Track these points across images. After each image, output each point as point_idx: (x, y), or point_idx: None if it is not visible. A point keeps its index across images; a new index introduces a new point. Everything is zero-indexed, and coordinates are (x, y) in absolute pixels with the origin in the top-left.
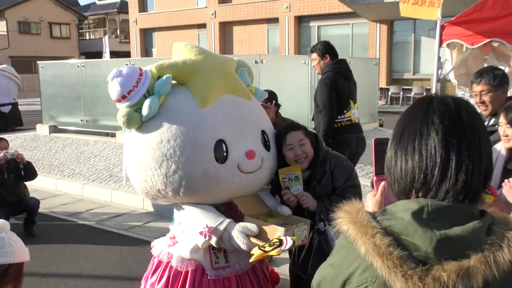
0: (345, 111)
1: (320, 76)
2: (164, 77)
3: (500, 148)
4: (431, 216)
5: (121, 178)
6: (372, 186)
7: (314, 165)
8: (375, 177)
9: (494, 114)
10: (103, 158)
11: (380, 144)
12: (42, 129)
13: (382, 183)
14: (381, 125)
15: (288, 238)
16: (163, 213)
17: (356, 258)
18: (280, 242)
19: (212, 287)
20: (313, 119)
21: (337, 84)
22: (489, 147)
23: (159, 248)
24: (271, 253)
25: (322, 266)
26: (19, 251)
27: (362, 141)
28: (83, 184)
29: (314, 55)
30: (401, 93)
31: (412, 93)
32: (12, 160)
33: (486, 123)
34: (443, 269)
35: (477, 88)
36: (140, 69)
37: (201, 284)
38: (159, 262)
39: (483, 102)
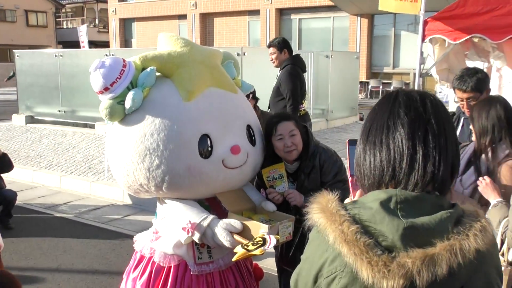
0: (302, 101)
1: (278, 69)
2: (148, 69)
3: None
4: (399, 205)
5: (100, 170)
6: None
7: (303, 158)
8: (350, 178)
9: None
10: (81, 149)
11: (354, 145)
12: (18, 120)
13: (359, 192)
14: (361, 119)
15: (272, 237)
16: (143, 206)
17: (326, 249)
18: (264, 241)
19: (195, 283)
20: (269, 107)
21: (300, 76)
22: (455, 138)
23: (142, 242)
24: (254, 252)
25: (299, 263)
26: None
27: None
28: (61, 176)
29: (273, 49)
30: (381, 87)
31: (392, 87)
32: None
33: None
34: (408, 256)
35: (463, 95)
36: (124, 60)
37: (184, 280)
38: (142, 257)
39: (470, 108)
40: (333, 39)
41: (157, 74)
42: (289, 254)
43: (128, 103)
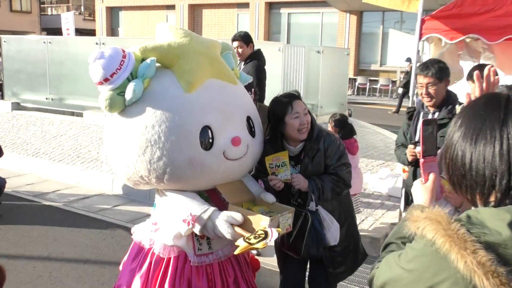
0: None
1: (241, 62)
2: (148, 60)
3: None
4: None
5: (88, 159)
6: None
7: (308, 141)
8: (423, 159)
9: (438, 106)
10: (69, 138)
11: (428, 125)
12: (3, 106)
13: (432, 175)
14: (349, 115)
15: (274, 230)
16: (133, 197)
17: (444, 269)
18: (266, 234)
19: (195, 274)
20: None
21: (265, 70)
22: None
23: (141, 233)
24: (256, 246)
25: (387, 265)
26: None
27: None
28: (48, 164)
29: (239, 43)
30: (368, 84)
31: (379, 85)
32: None
33: (430, 116)
34: None
35: (424, 80)
36: (123, 51)
37: (184, 271)
38: (140, 248)
39: (428, 94)
40: (322, 34)
41: (157, 65)
42: (290, 239)
43: (128, 94)
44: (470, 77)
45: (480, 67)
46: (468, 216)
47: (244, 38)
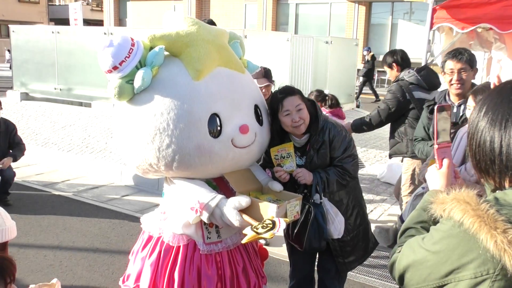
0: None
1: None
2: (157, 48)
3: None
4: None
5: (97, 149)
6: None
7: (313, 133)
8: (437, 145)
9: (464, 96)
10: (78, 128)
11: (443, 111)
12: (12, 96)
13: (446, 160)
14: (358, 106)
15: (281, 220)
16: (141, 187)
17: (472, 250)
18: (273, 224)
19: (204, 262)
20: None
21: None
22: None
23: (150, 222)
24: (264, 236)
25: (410, 249)
26: (7, 229)
27: None
28: (57, 154)
29: None
30: (376, 75)
31: (387, 75)
32: (3, 123)
33: (455, 110)
34: None
35: (456, 65)
36: (132, 39)
37: (193, 259)
38: (150, 237)
39: (460, 80)
40: (330, 25)
41: (166, 53)
42: (294, 231)
43: (137, 82)
44: (389, 61)
45: (459, 48)
46: (496, 198)
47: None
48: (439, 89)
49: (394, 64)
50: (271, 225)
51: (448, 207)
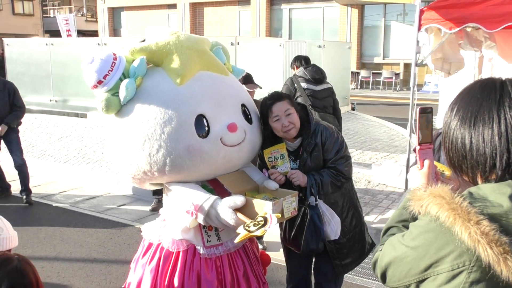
0: None
1: None
2: (138, 60)
3: None
4: None
5: (94, 160)
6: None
7: (305, 137)
8: (419, 146)
9: None
10: (74, 139)
11: (425, 113)
12: None
13: (427, 161)
14: (353, 109)
15: (273, 215)
16: (138, 196)
17: (449, 243)
18: (265, 221)
19: (204, 267)
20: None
21: None
22: None
23: (150, 230)
24: (255, 234)
25: (391, 246)
26: (10, 238)
27: None
28: (54, 165)
29: None
30: (371, 77)
31: (382, 77)
32: (2, 82)
33: None
34: None
35: None
36: (114, 54)
37: (193, 264)
38: (150, 244)
39: None
40: (323, 29)
41: (150, 65)
42: (291, 234)
43: (122, 93)
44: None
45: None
46: (470, 193)
47: None
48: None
49: (295, 66)
50: (262, 222)
51: (425, 202)
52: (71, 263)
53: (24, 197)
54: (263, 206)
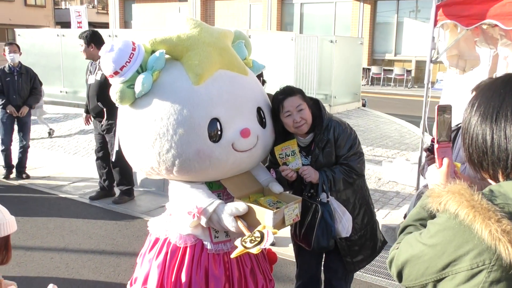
0: None
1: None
2: (157, 53)
3: None
4: None
5: None
6: (430, 152)
7: (317, 132)
8: (437, 145)
9: None
10: (84, 131)
11: (443, 111)
12: None
13: (446, 159)
14: (363, 105)
15: (270, 232)
16: (147, 188)
17: (468, 241)
18: (261, 237)
19: (212, 262)
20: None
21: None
22: None
23: (156, 225)
24: (251, 251)
25: (408, 244)
26: (7, 223)
27: None
28: (64, 157)
29: (82, 42)
30: (382, 73)
31: (393, 74)
32: (24, 67)
33: None
34: None
35: None
36: (133, 43)
37: (200, 260)
38: (157, 239)
39: None
40: (335, 24)
41: (167, 56)
42: (301, 231)
43: (138, 87)
44: None
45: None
46: (490, 190)
47: (85, 38)
48: None
49: None
50: (259, 239)
51: (443, 200)
52: (80, 255)
53: (24, 176)
54: (264, 215)
